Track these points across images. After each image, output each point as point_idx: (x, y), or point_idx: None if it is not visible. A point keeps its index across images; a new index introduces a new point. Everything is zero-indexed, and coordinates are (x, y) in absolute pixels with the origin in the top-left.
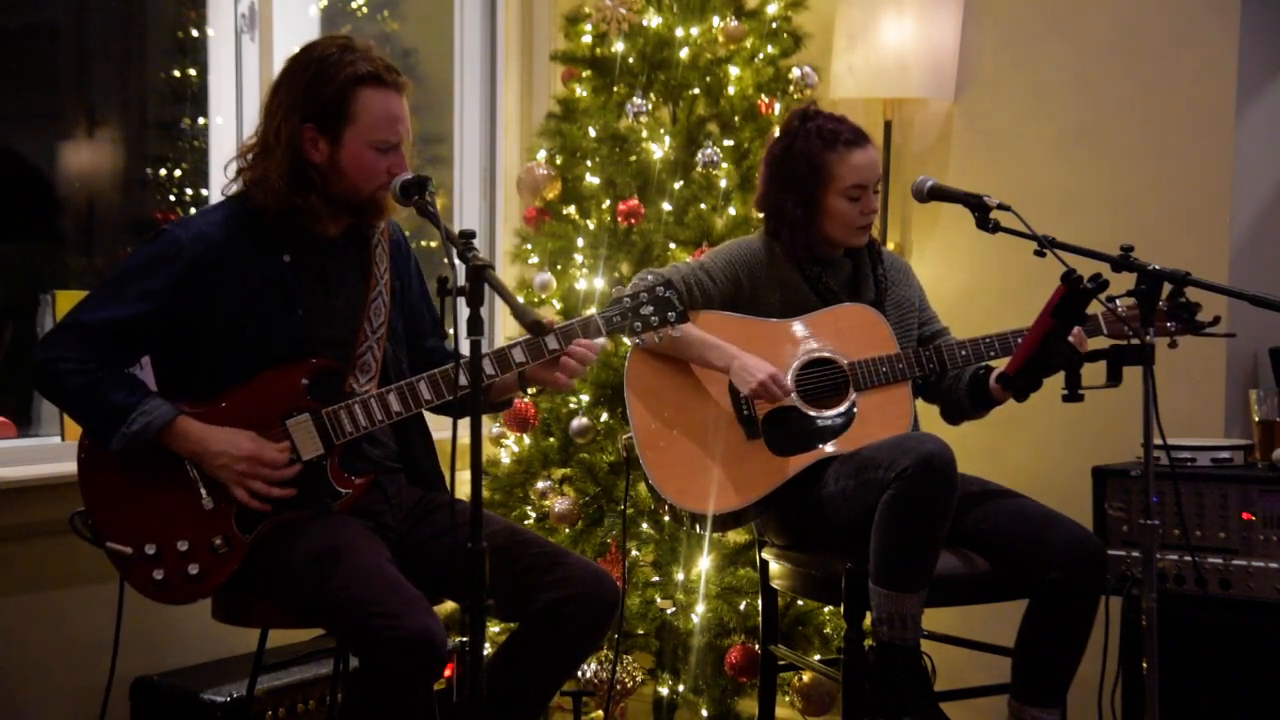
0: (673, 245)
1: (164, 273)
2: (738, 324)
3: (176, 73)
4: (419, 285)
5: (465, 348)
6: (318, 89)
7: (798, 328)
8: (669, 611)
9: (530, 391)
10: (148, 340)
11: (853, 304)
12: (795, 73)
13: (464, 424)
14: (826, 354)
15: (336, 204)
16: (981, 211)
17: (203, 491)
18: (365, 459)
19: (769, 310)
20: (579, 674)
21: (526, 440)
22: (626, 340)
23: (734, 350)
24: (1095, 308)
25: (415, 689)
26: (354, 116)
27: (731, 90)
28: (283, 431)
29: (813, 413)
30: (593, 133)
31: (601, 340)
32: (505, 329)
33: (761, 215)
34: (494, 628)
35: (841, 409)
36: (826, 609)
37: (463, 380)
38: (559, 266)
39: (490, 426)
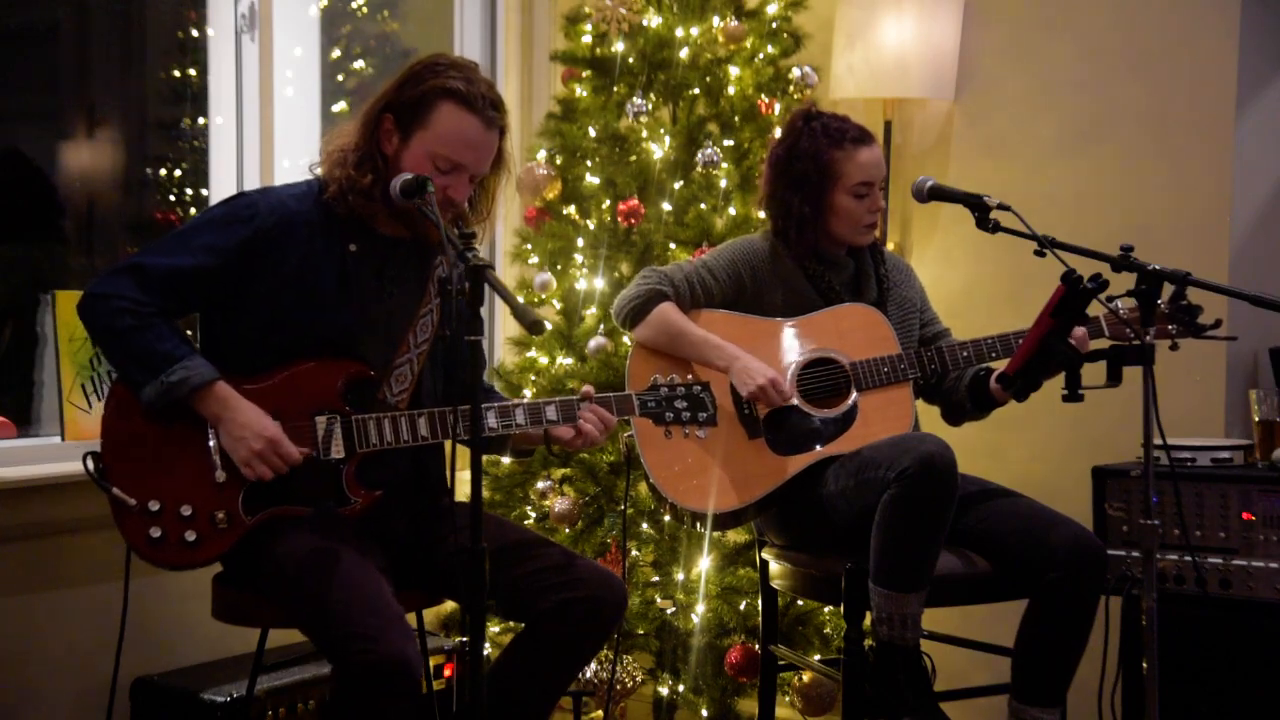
0: (673, 245)
1: (234, 232)
2: (740, 323)
3: (176, 73)
4: None
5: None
6: (408, 86)
7: (800, 327)
8: (669, 611)
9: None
10: (204, 296)
11: (855, 304)
12: (795, 73)
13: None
14: (828, 354)
15: (388, 201)
16: (981, 211)
17: (218, 463)
18: (383, 470)
19: (771, 309)
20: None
21: (514, 429)
22: (627, 339)
23: (735, 351)
24: (1096, 309)
25: (387, 712)
26: (428, 123)
27: (731, 90)
28: (309, 426)
29: (814, 412)
30: (593, 133)
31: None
32: (505, 329)
33: (765, 216)
34: (494, 628)
35: (843, 409)
36: (826, 609)
37: (492, 423)
38: (559, 266)
39: None
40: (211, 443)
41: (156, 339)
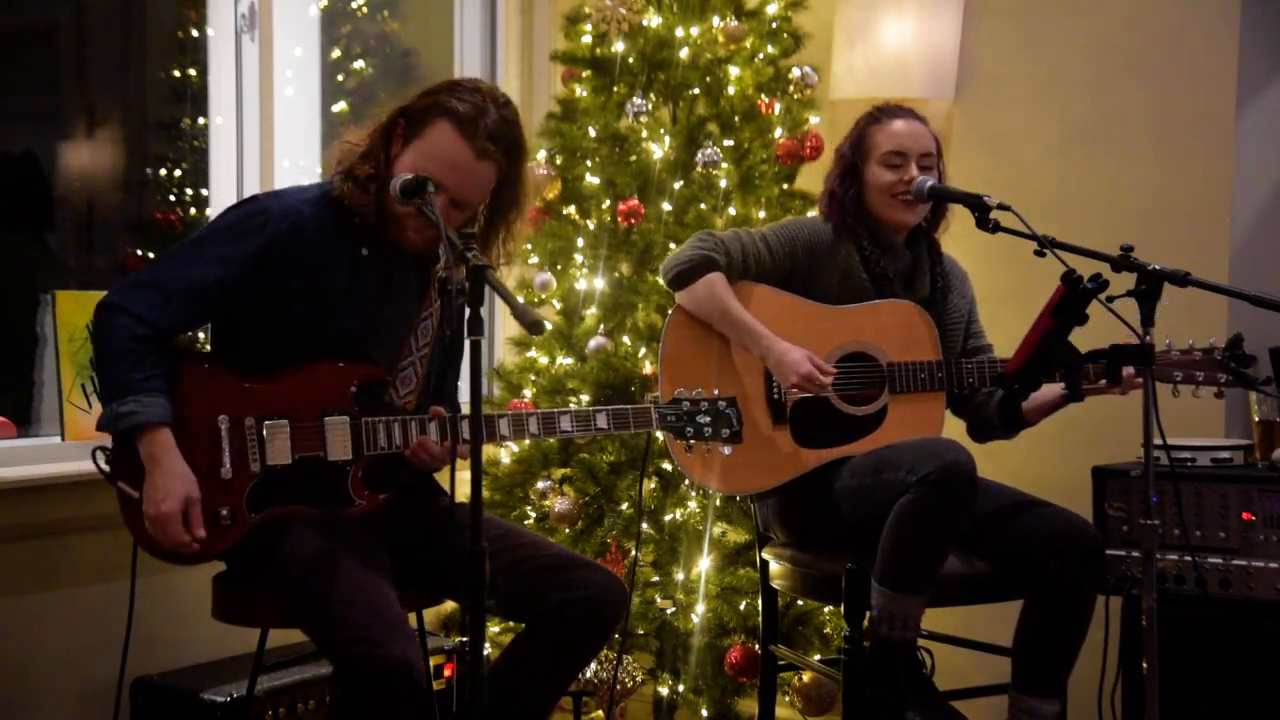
0: (672, 245)
1: (248, 240)
2: (785, 302)
3: (176, 73)
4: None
5: (466, 347)
6: (420, 98)
7: (843, 317)
8: (669, 611)
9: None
10: (221, 306)
11: (902, 301)
12: (795, 73)
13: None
14: (866, 349)
15: (381, 200)
16: (981, 211)
17: (226, 460)
18: (391, 473)
19: (825, 294)
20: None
21: (526, 440)
22: (626, 338)
23: (772, 341)
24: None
25: (390, 714)
26: (425, 136)
27: (731, 90)
28: (318, 426)
29: (843, 408)
30: (593, 133)
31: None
32: (505, 329)
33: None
34: (494, 628)
35: (873, 409)
36: (826, 609)
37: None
38: (559, 266)
39: None
40: (222, 438)
41: (132, 366)
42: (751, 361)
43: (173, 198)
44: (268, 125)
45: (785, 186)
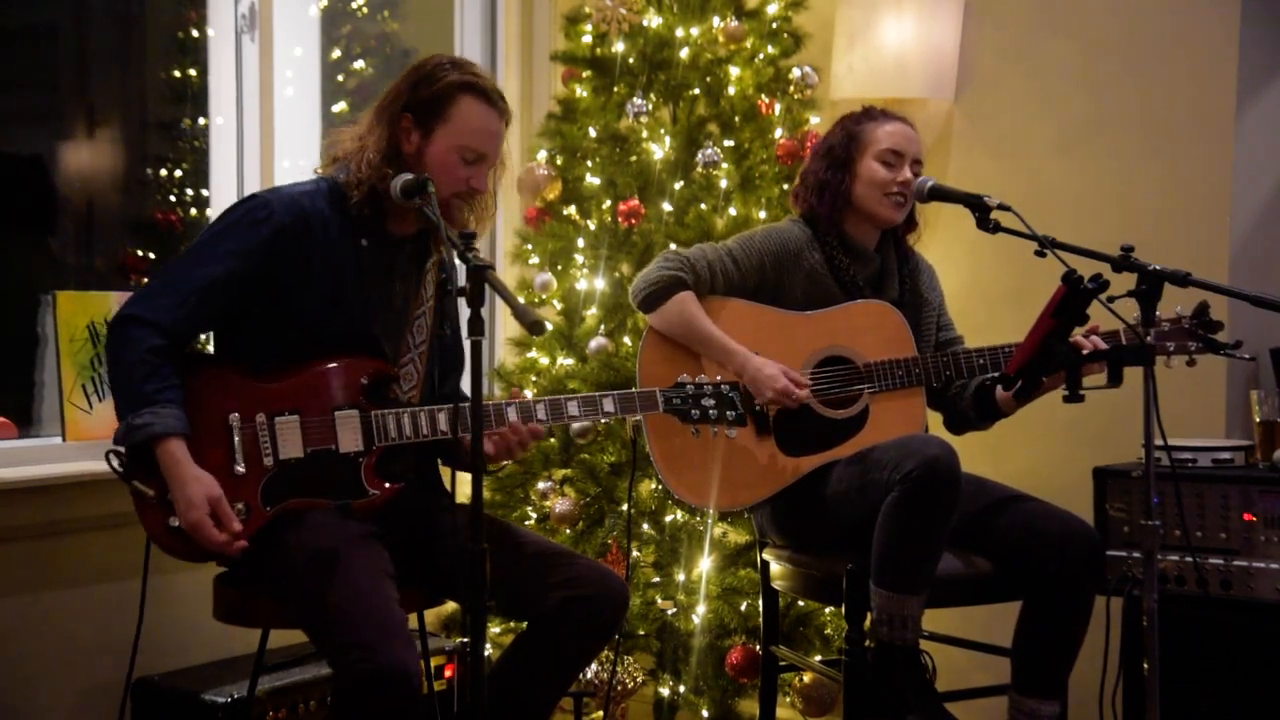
0: (673, 246)
1: (256, 233)
2: (757, 314)
3: (176, 73)
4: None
5: (466, 347)
6: (424, 85)
7: (816, 322)
8: (670, 612)
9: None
10: (237, 302)
11: (872, 301)
12: (795, 73)
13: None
14: (843, 352)
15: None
16: (981, 211)
17: (238, 456)
18: (397, 468)
19: (791, 301)
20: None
21: None
22: (628, 340)
23: (745, 357)
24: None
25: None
26: (449, 117)
27: (731, 90)
28: (328, 420)
29: (825, 413)
30: (593, 133)
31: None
32: (506, 329)
33: (796, 205)
34: (495, 628)
35: (854, 411)
36: (827, 609)
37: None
38: (559, 267)
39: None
40: (233, 435)
41: (147, 378)
42: (727, 377)
43: (173, 198)
44: (268, 125)
45: (785, 187)
